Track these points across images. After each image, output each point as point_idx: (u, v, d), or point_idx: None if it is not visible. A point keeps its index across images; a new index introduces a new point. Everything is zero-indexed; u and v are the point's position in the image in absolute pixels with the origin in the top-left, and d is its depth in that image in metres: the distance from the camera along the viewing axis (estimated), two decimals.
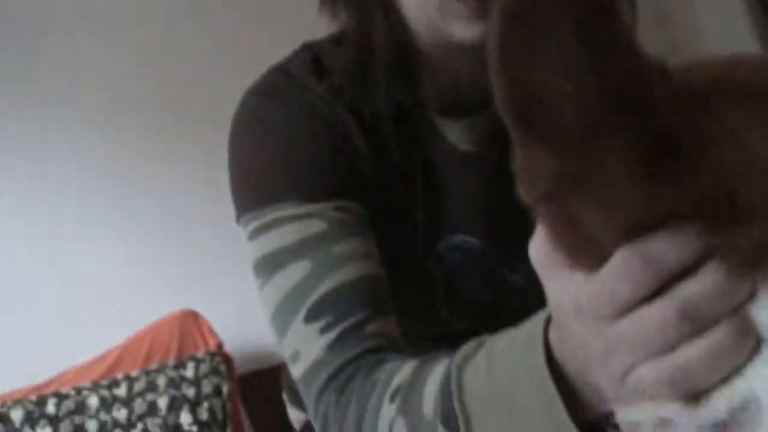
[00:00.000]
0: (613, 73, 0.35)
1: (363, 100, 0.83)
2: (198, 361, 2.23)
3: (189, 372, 2.21)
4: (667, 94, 0.37)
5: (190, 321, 2.39)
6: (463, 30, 0.75)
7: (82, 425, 2.08)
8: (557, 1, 0.34)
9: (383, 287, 0.78)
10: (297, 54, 0.90)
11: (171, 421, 2.11)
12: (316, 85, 0.84)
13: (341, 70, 0.84)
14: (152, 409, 2.13)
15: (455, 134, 0.87)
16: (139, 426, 2.10)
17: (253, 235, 0.81)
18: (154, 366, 2.24)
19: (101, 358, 2.31)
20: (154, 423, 2.11)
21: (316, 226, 0.78)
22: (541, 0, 0.34)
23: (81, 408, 2.11)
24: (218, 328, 2.36)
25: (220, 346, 2.33)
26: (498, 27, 0.34)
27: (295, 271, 0.76)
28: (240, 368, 2.36)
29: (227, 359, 2.32)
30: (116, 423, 2.10)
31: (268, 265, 0.79)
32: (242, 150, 0.86)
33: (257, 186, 0.83)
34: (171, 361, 2.27)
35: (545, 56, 0.35)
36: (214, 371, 2.23)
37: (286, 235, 0.78)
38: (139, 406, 2.13)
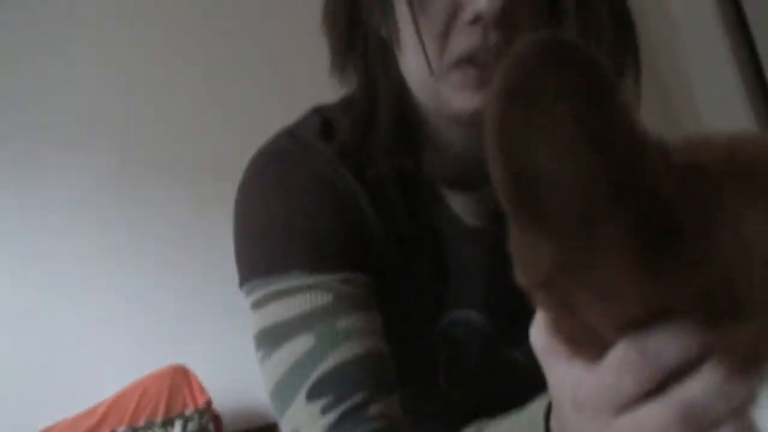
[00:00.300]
0: (613, 158, 0.35)
1: (368, 165, 0.82)
2: (186, 419, 2.20)
3: (176, 430, 2.17)
4: (669, 178, 0.36)
5: (179, 376, 2.36)
6: (463, 101, 0.75)
7: None
8: (556, 83, 0.33)
9: (387, 364, 0.77)
10: (307, 117, 0.89)
11: None
12: (325, 150, 0.83)
13: (347, 134, 0.83)
14: None
15: (460, 207, 0.86)
16: None
17: (256, 305, 0.79)
18: (141, 423, 2.20)
19: (89, 413, 2.27)
20: None
21: (322, 298, 0.76)
22: (540, 81, 0.33)
23: None
24: (208, 384, 2.34)
25: (209, 403, 2.29)
26: (496, 105, 0.34)
27: (298, 346, 0.75)
28: (229, 425, 2.33)
29: (216, 418, 2.28)
30: None
31: (271, 339, 0.77)
32: (249, 214, 0.84)
33: (263, 255, 0.81)
34: (159, 417, 2.24)
35: (543, 139, 0.34)
36: (203, 430, 2.19)
37: (290, 307, 0.76)
38: None
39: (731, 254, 0.36)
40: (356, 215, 0.82)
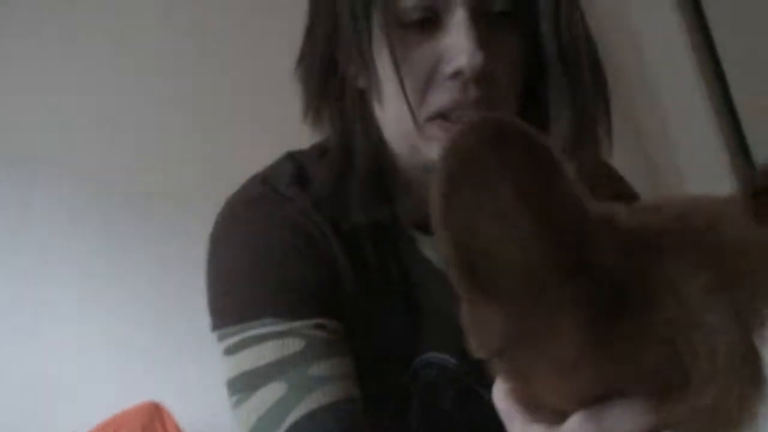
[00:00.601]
0: (560, 234, 0.36)
1: (342, 214, 0.82)
2: None
3: None
4: (616, 250, 0.37)
5: (154, 414, 2.33)
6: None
7: None
8: (499, 159, 0.34)
9: (358, 410, 0.77)
10: (280, 164, 0.89)
11: None
12: (298, 197, 0.83)
13: (321, 183, 0.83)
14: None
15: (431, 251, 0.87)
16: None
17: (229, 352, 0.79)
18: None
19: None
20: None
21: (294, 345, 0.76)
22: (485, 158, 0.34)
23: None
24: (183, 421, 2.30)
25: None
26: (441, 187, 0.34)
27: (270, 394, 0.75)
28: None
29: None
30: None
31: (243, 386, 0.77)
32: (221, 262, 0.84)
33: (235, 302, 0.81)
34: None
35: (490, 218, 0.35)
36: None
37: (262, 354, 0.76)
38: None
39: (675, 325, 0.36)
40: (329, 262, 0.82)
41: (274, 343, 0.76)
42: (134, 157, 2.55)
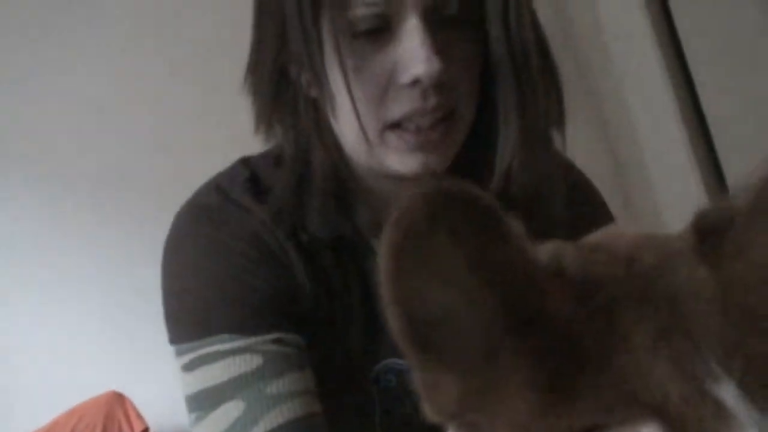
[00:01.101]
0: (509, 293, 0.35)
1: (300, 227, 0.81)
2: None
3: None
4: (565, 302, 0.37)
5: (116, 403, 2.31)
6: (403, 162, 0.75)
7: None
8: (443, 227, 0.34)
9: (317, 426, 0.77)
10: (234, 170, 0.86)
11: None
12: (255, 207, 0.81)
13: (279, 195, 0.81)
14: None
15: None
16: None
17: (186, 368, 0.78)
18: None
19: None
20: None
21: (252, 362, 0.75)
22: (429, 228, 0.34)
23: None
24: (146, 410, 2.29)
25: (146, 431, 2.25)
26: (386, 259, 0.34)
27: (229, 412, 0.74)
28: None
29: None
30: None
31: (201, 404, 0.76)
32: (176, 274, 0.82)
33: (191, 317, 0.79)
34: None
35: (437, 283, 0.35)
36: None
37: (220, 372, 0.76)
38: None
39: (627, 377, 0.36)
40: (287, 274, 0.80)
41: (231, 360, 0.75)
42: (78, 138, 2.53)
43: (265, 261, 0.79)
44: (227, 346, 0.76)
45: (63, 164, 2.52)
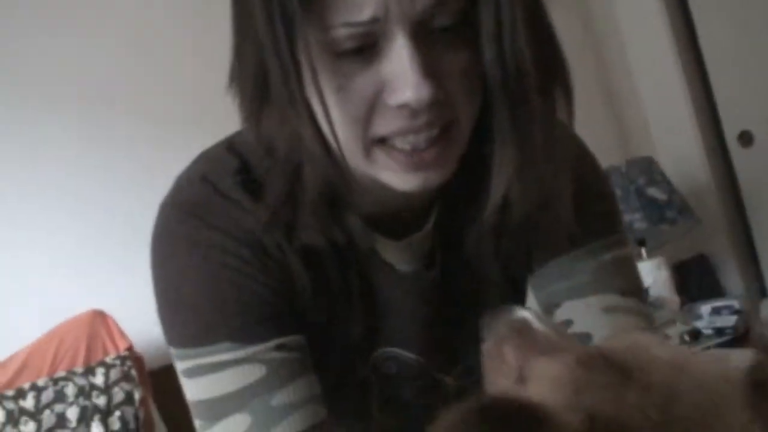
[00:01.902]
0: None
1: (296, 225, 0.76)
2: (108, 367, 2.16)
3: (99, 379, 2.13)
4: None
5: (98, 322, 2.31)
6: (396, 181, 0.70)
7: None
8: None
9: None
10: (219, 158, 0.80)
11: None
12: (248, 203, 0.76)
13: (274, 195, 0.75)
14: (61, 421, 2.03)
15: (391, 254, 0.83)
16: None
17: (187, 374, 0.76)
18: (61, 373, 2.14)
19: (3, 366, 2.19)
20: None
21: (255, 373, 0.74)
22: None
23: None
24: (127, 324, 2.28)
25: (130, 348, 2.25)
26: None
27: (234, 426, 0.73)
28: (152, 363, 2.28)
29: (138, 361, 2.24)
30: None
31: (205, 414, 0.75)
32: (167, 276, 0.77)
33: (189, 324, 0.76)
34: (79, 367, 2.18)
35: None
36: (125, 377, 2.16)
37: (223, 383, 0.74)
38: (48, 418, 2.04)
39: None
40: (284, 274, 0.77)
41: (233, 371, 0.74)
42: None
43: (261, 261, 0.76)
44: (229, 356, 0.74)
45: (46, 83, 2.46)
